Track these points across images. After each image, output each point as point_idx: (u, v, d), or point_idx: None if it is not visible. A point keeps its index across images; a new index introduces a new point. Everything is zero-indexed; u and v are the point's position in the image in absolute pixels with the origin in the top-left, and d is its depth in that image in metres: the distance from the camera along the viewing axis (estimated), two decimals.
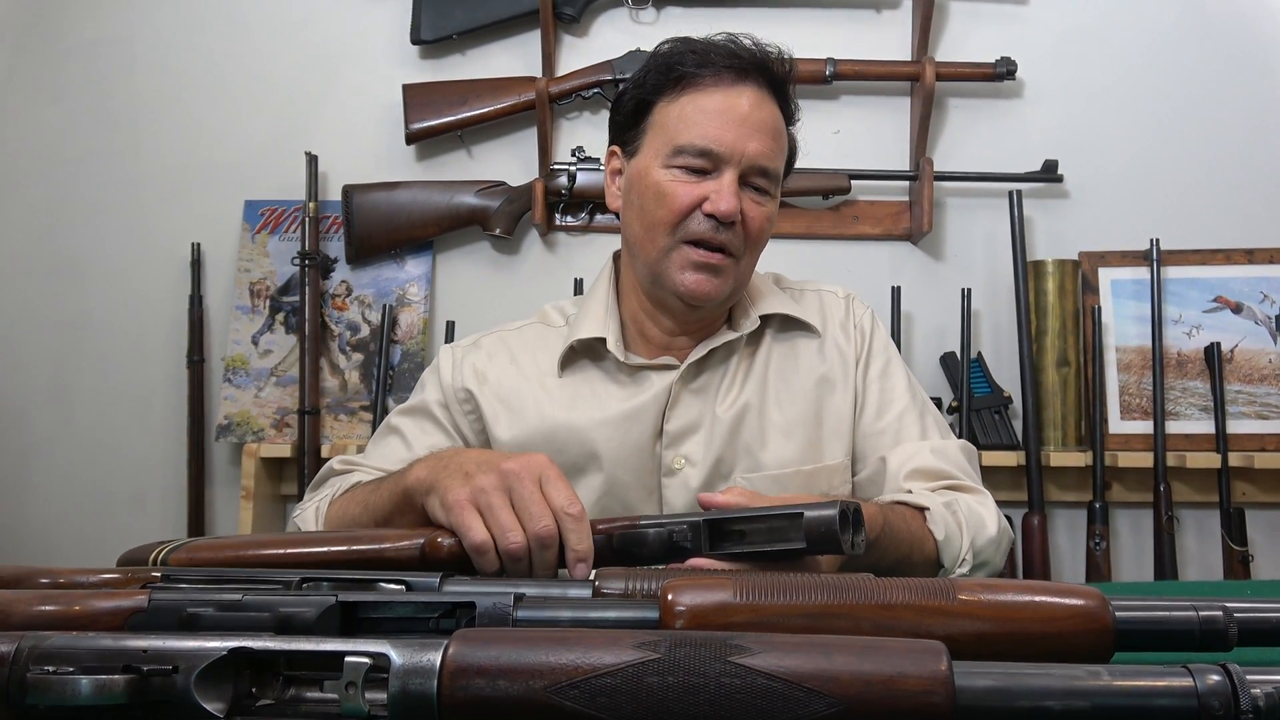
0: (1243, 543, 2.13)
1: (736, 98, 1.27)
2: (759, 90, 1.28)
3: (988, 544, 1.22)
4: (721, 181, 1.25)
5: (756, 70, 1.29)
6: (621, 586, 0.72)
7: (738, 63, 1.28)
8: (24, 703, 0.53)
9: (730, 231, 1.26)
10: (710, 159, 1.26)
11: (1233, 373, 2.20)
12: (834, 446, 1.36)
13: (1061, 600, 0.62)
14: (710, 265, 1.27)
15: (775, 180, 1.30)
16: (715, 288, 1.28)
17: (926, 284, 2.32)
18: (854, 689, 0.50)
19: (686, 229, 1.27)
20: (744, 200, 1.26)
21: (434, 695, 0.51)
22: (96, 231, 2.39)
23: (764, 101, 1.28)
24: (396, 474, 1.11)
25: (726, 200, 1.24)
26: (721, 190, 1.24)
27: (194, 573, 0.72)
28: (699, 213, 1.26)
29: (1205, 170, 2.30)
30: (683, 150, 1.26)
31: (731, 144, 1.25)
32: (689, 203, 1.26)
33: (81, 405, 2.38)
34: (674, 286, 1.29)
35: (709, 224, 1.25)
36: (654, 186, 1.28)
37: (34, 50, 2.41)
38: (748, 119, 1.26)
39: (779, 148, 1.30)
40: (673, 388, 1.33)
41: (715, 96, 1.27)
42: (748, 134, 1.26)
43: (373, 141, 2.37)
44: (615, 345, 1.34)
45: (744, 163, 1.26)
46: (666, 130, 1.28)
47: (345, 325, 2.31)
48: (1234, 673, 0.51)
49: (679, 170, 1.27)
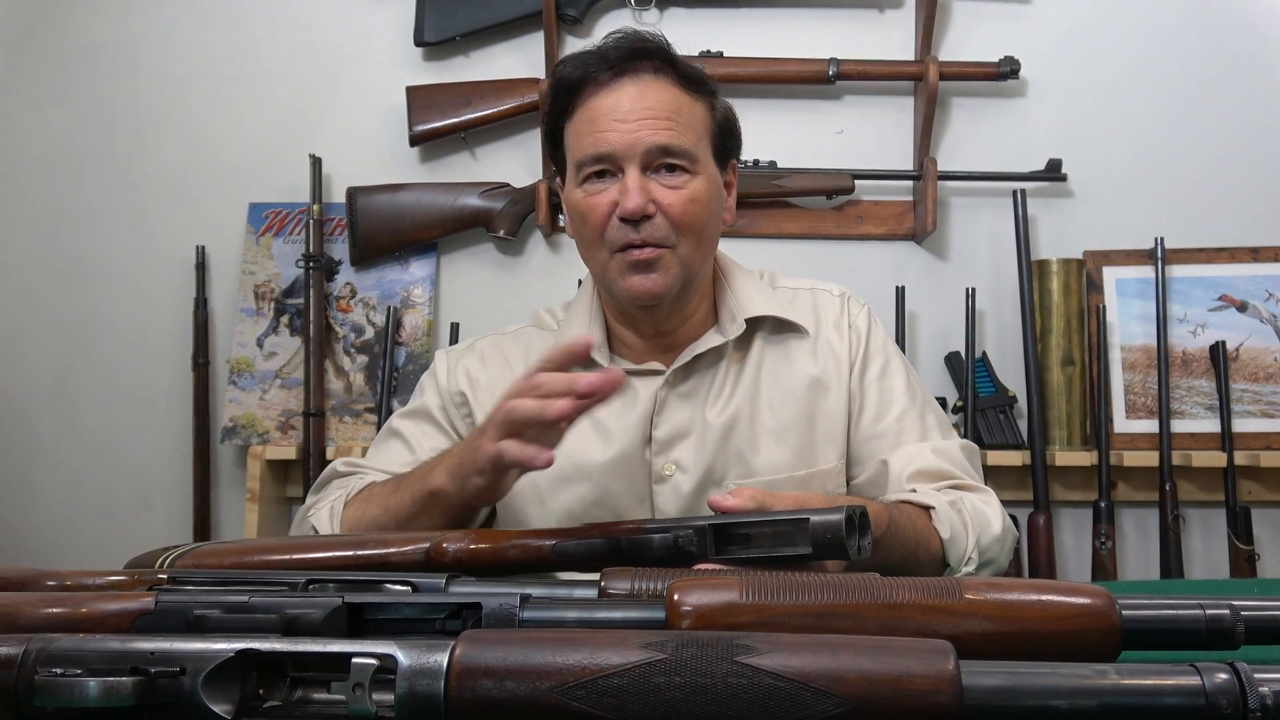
0: (1249, 541, 2.12)
1: (615, 94, 1.26)
2: (639, 77, 1.26)
3: (993, 542, 1.22)
4: (626, 181, 1.24)
5: (631, 60, 1.27)
6: (627, 587, 0.71)
7: (608, 61, 1.27)
8: (32, 705, 0.53)
9: (650, 225, 1.24)
10: (609, 162, 1.25)
11: (1238, 371, 2.20)
12: (827, 450, 1.34)
13: (1068, 599, 0.62)
14: (644, 262, 1.25)
15: (688, 157, 1.26)
16: (657, 282, 1.26)
17: (931, 284, 2.31)
18: (861, 688, 0.50)
19: (610, 238, 1.26)
20: (655, 189, 1.24)
21: (441, 696, 0.51)
22: (101, 234, 2.39)
23: (650, 86, 1.26)
24: (416, 476, 1.12)
25: (630, 198, 1.23)
26: (626, 189, 1.23)
27: (200, 575, 0.72)
28: (615, 218, 1.25)
29: (1210, 168, 2.30)
30: (582, 164, 1.27)
31: (619, 141, 1.24)
32: (604, 212, 1.25)
33: (87, 408, 2.38)
34: (622, 294, 1.28)
35: (626, 227, 1.24)
36: (576, 207, 1.29)
37: (38, 53, 2.41)
38: (632, 110, 1.25)
39: (683, 123, 1.26)
40: (658, 394, 1.32)
41: (596, 102, 1.26)
42: (635, 124, 1.24)
43: (376, 143, 2.37)
44: (599, 352, 1.33)
45: (640, 153, 1.24)
46: (571, 151, 1.30)
47: (350, 327, 2.32)
48: (1242, 671, 0.51)
49: (588, 183, 1.27)
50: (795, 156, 2.27)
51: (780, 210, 2.31)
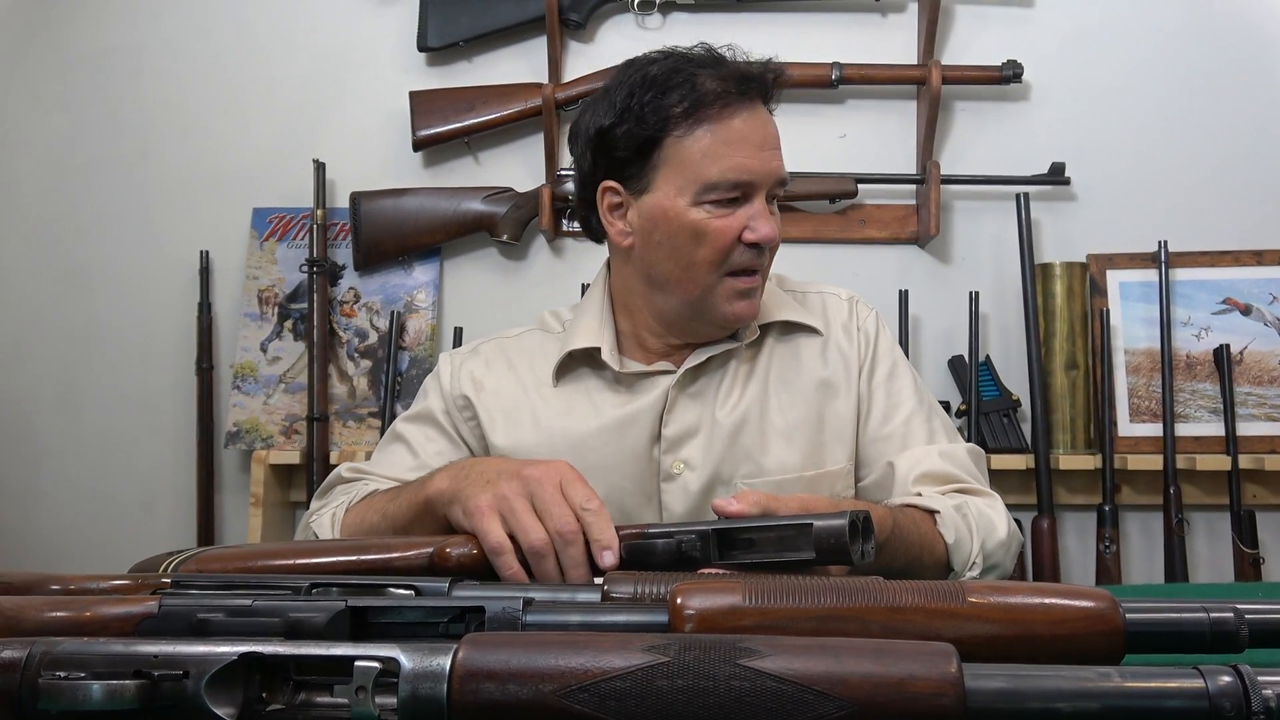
0: (1254, 545, 2.12)
1: (752, 120, 1.25)
2: (762, 104, 1.28)
3: (998, 547, 1.22)
4: (755, 207, 1.25)
5: (766, 84, 1.28)
6: (630, 590, 0.72)
7: (744, 85, 1.25)
8: (35, 708, 0.53)
9: (767, 253, 1.27)
10: (745, 189, 1.25)
11: (1242, 374, 2.19)
12: (836, 451, 1.35)
13: (1071, 602, 0.62)
14: (753, 289, 1.28)
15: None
16: (755, 307, 1.31)
17: (934, 287, 2.31)
18: (864, 691, 0.50)
19: (732, 262, 1.26)
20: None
21: (444, 699, 0.51)
22: (105, 240, 2.39)
23: (768, 115, 1.29)
24: (416, 484, 1.12)
25: (768, 226, 1.24)
26: (758, 217, 1.24)
27: (204, 579, 0.72)
28: (739, 243, 1.25)
29: (1213, 172, 2.30)
30: (716, 186, 1.23)
31: (759, 170, 1.24)
32: (735, 236, 1.24)
33: (91, 412, 2.39)
34: (721, 318, 1.29)
35: (751, 252, 1.25)
36: (689, 227, 1.24)
37: (42, 59, 2.42)
38: (767, 139, 1.26)
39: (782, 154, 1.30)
40: (669, 393, 1.33)
41: (734, 124, 1.23)
42: (769, 154, 1.25)
43: (380, 148, 2.37)
44: (610, 354, 1.34)
45: (772, 183, 1.26)
46: (690, 167, 1.23)
47: (353, 332, 2.32)
48: (1245, 674, 0.51)
49: (712, 205, 1.24)
50: (798, 160, 2.23)
51: (783, 214, 2.24)
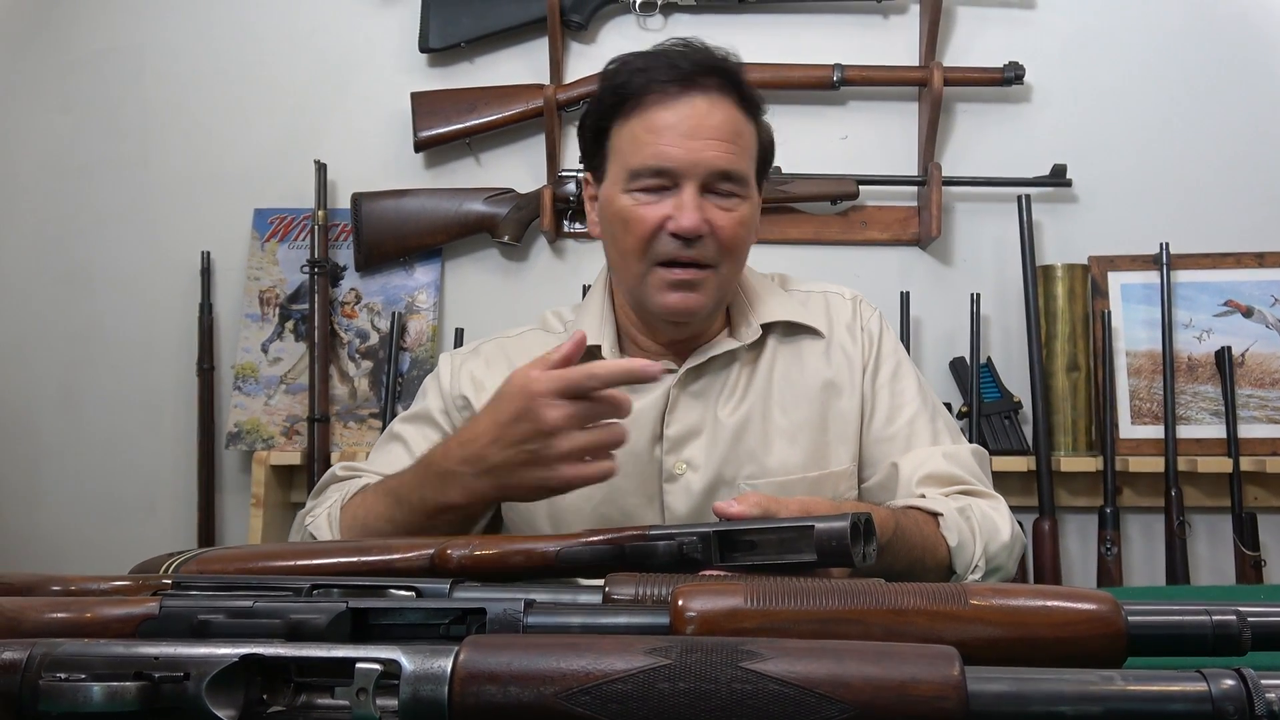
0: (1255, 548, 2.12)
1: (685, 109, 1.24)
2: (708, 95, 1.25)
3: (1001, 550, 1.22)
4: (682, 197, 1.23)
5: (701, 75, 1.26)
6: (632, 592, 0.71)
7: (680, 73, 1.25)
8: (36, 710, 0.53)
9: (700, 245, 1.24)
10: (667, 176, 1.24)
11: (1244, 377, 2.19)
12: (840, 452, 1.35)
13: (1074, 605, 0.62)
14: (687, 281, 1.25)
15: (742, 182, 1.26)
16: (696, 302, 1.27)
17: (935, 289, 2.31)
18: (866, 694, 0.49)
19: (655, 251, 1.25)
20: (710, 210, 1.24)
21: (445, 701, 0.51)
22: (106, 240, 2.39)
23: (716, 105, 1.25)
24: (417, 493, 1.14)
25: (688, 216, 1.22)
26: (683, 206, 1.22)
27: (205, 580, 0.72)
28: (664, 232, 1.24)
29: (1215, 174, 2.30)
30: (638, 173, 1.25)
31: (684, 158, 1.23)
32: (653, 225, 1.24)
33: (92, 413, 2.39)
34: (656, 308, 1.28)
35: (676, 243, 1.23)
36: (619, 213, 1.26)
37: (43, 60, 2.42)
38: (699, 128, 1.23)
39: (740, 148, 1.26)
40: (670, 392, 1.32)
41: (663, 112, 1.24)
42: (701, 144, 1.23)
43: (381, 149, 2.37)
44: (610, 353, 1.34)
45: (701, 173, 1.23)
46: (622, 154, 1.27)
47: (354, 333, 2.32)
48: (1248, 677, 0.50)
49: (639, 193, 1.25)
50: (800, 162, 2.26)
51: (785, 215, 2.31)
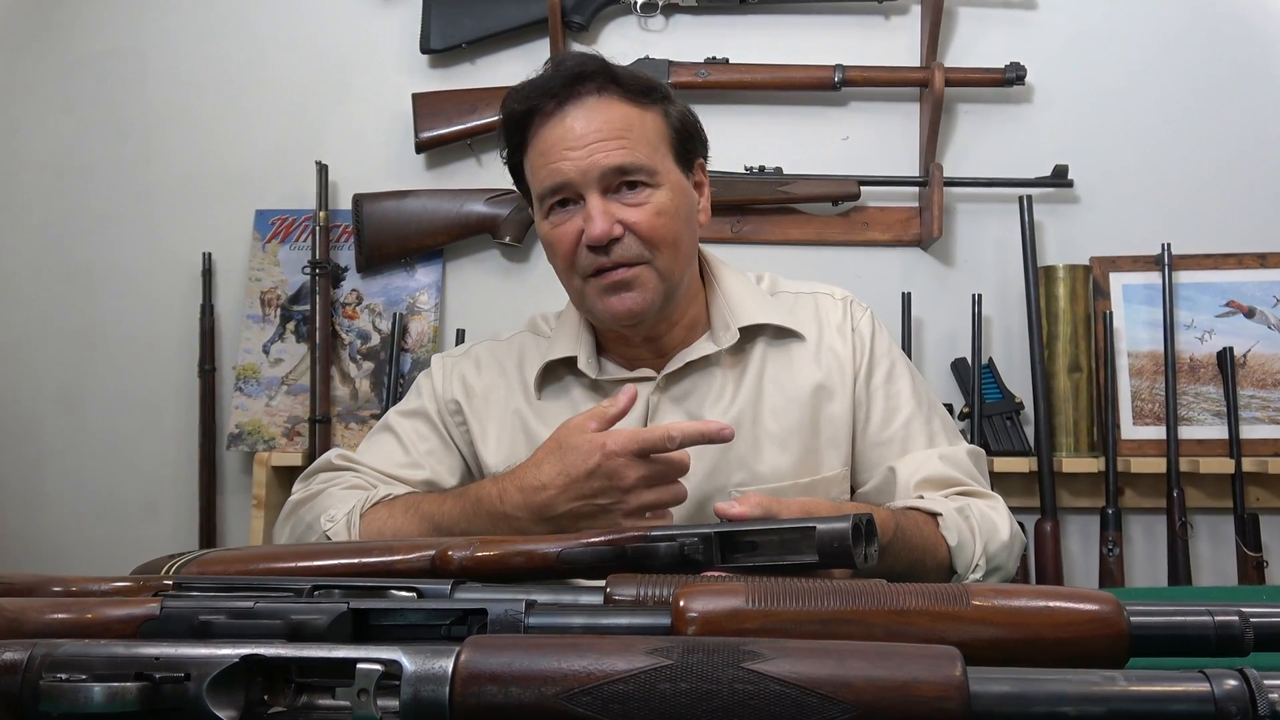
0: (1257, 548, 2.12)
1: (561, 122, 1.25)
2: (583, 101, 1.25)
3: (1000, 549, 1.22)
4: (588, 208, 1.23)
5: (574, 83, 1.26)
6: (633, 593, 0.71)
7: (550, 91, 1.26)
8: (37, 710, 0.53)
9: (619, 247, 1.24)
10: (566, 191, 1.25)
11: (1246, 377, 2.19)
12: (831, 457, 1.34)
13: (1076, 605, 0.62)
14: (620, 282, 1.25)
15: (645, 172, 1.25)
16: (637, 300, 1.26)
17: (937, 290, 2.31)
18: (868, 695, 0.49)
19: (581, 265, 1.26)
20: (619, 210, 1.24)
21: (446, 702, 0.51)
22: (108, 241, 2.39)
23: (595, 108, 1.25)
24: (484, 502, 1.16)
25: (595, 225, 1.22)
26: (589, 216, 1.23)
27: (205, 581, 0.72)
28: (582, 246, 1.25)
29: (1217, 174, 2.29)
30: (543, 196, 1.27)
31: (572, 170, 1.23)
32: (572, 241, 1.25)
33: (93, 414, 2.39)
34: (604, 316, 1.28)
35: (594, 254, 1.24)
36: (545, 239, 1.30)
37: (45, 60, 2.42)
38: (583, 135, 1.23)
39: (635, 138, 1.25)
40: (650, 399, 1.32)
41: (546, 133, 1.26)
42: (586, 150, 1.23)
43: (383, 150, 2.37)
44: (587, 363, 1.34)
45: (595, 177, 1.23)
46: (531, 185, 1.30)
47: (356, 334, 2.32)
48: (1251, 678, 0.50)
49: (553, 214, 1.27)
50: (801, 163, 2.26)
51: (786, 216, 2.31)
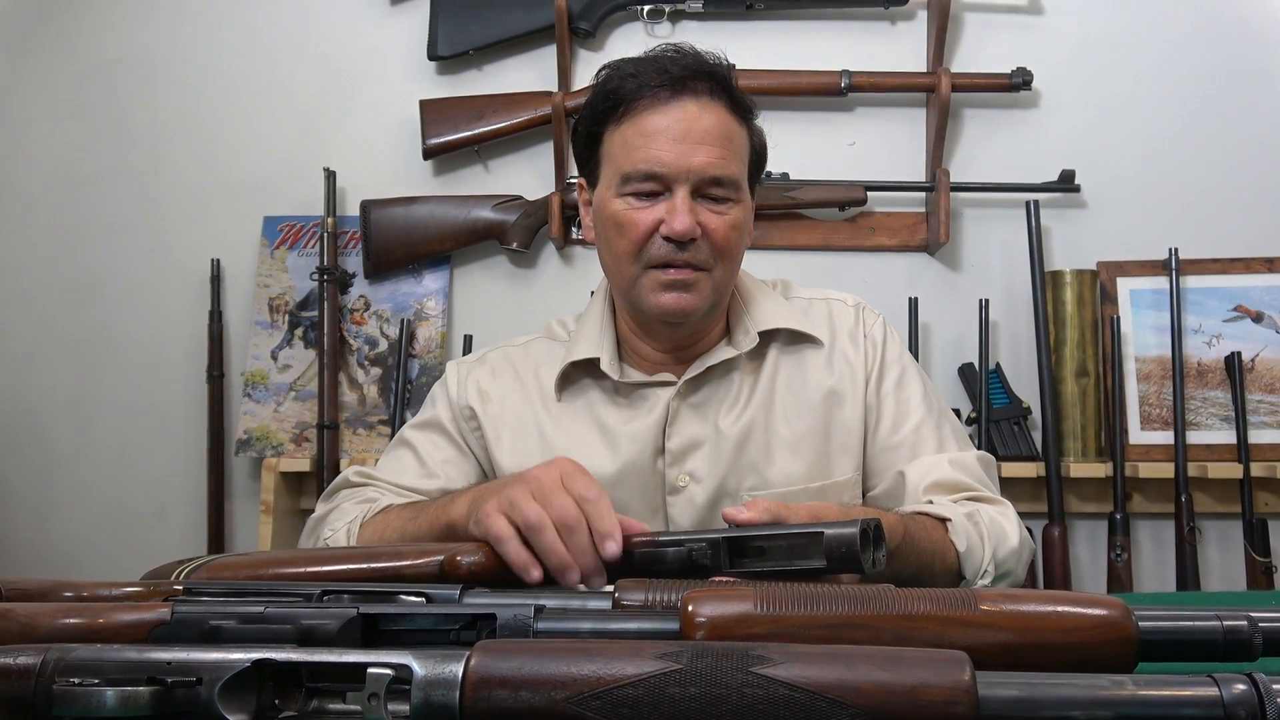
0: (1265, 553, 2.11)
1: (675, 113, 1.25)
2: (698, 100, 1.26)
3: (1009, 555, 1.21)
4: (674, 201, 1.24)
5: (692, 79, 1.26)
6: (641, 598, 0.71)
7: (669, 77, 1.26)
8: (50, 715, 0.53)
9: (693, 248, 1.24)
10: (658, 181, 1.24)
11: (1254, 382, 2.18)
12: (843, 462, 1.34)
13: (1084, 610, 0.62)
14: (681, 282, 1.26)
15: (734, 186, 1.27)
16: (690, 302, 1.27)
17: (944, 295, 2.31)
18: (877, 699, 0.49)
19: (649, 255, 1.26)
20: (702, 213, 1.25)
21: (456, 706, 0.51)
22: (117, 248, 2.40)
23: (706, 109, 1.26)
24: (437, 505, 1.13)
25: (680, 220, 1.22)
26: (675, 210, 1.23)
27: (216, 586, 0.73)
28: (657, 236, 1.25)
29: (1224, 179, 2.29)
30: (630, 177, 1.25)
31: (675, 162, 1.23)
32: (646, 229, 1.25)
33: (102, 420, 2.40)
34: (650, 310, 1.28)
35: (669, 246, 1.24)
36: (612, 218, 1.27)
37: (54, 68, 2.43)
38: (689, 133, 1.24)
39: (731, 152, 1.27)
40: (670, 404, 1.32)
41: (653, 117, 1.25)
42: (691, 148, 1.24)
43: (390, 157, 2.38)
44: (610, 365, 1.34)
45: (693, 177, 1.24)
46: (614, 159, 1.28)
47: (363, 340, 2.32)
48: (1260, 682, 0.50)
49: (631, 197, 1.26)
50: (808, 168, 2.27)
51: (793, 222, 2.31)
